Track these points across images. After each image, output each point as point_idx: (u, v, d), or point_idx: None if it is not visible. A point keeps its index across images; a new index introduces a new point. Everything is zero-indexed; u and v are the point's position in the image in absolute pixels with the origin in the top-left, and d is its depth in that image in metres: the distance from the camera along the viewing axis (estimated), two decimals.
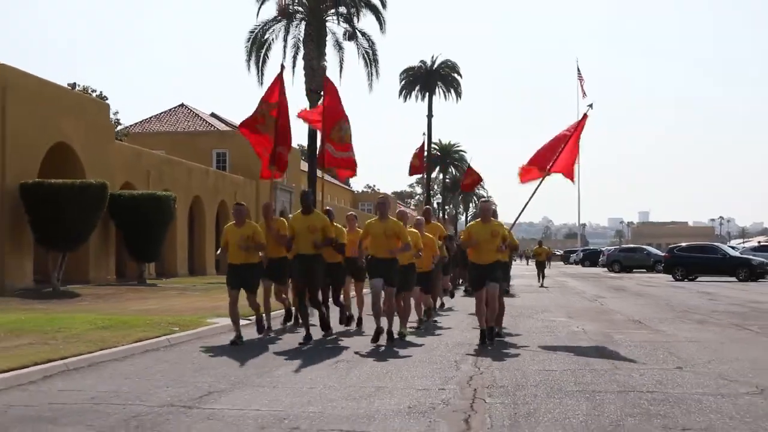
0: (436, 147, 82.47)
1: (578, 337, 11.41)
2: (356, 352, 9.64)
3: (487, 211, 10.89)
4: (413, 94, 68.32)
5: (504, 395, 6.74)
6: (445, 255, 15.21)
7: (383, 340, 10.60)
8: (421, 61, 68.46)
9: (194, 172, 36.21)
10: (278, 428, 5.52)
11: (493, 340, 10.51)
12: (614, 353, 9.65)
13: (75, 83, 39.57)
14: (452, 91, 68.63)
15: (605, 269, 48.25)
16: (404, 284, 11.37)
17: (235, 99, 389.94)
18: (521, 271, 44.66)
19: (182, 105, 53.30)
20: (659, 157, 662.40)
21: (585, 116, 13.16)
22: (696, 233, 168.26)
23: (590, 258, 60.21)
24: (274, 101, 14.09)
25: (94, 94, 39.09)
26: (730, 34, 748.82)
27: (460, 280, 24.22)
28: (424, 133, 30.34)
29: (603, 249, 62.90)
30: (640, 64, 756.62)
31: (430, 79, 67.31)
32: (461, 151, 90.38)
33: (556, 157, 12.73)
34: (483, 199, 11.00)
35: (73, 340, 9.67)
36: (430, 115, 66.94)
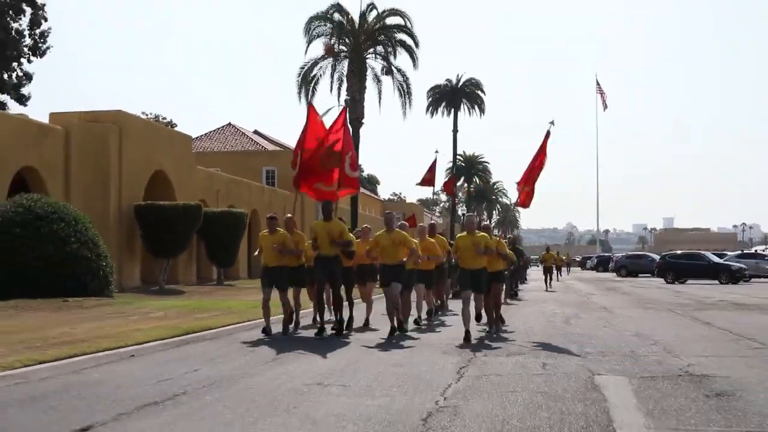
0: (461, 158, 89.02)
1: (556, 315, 17.86)
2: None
3: (471, 224, 12.80)
4: (439, 110, 74.67)
5: (502, 338, 13.20)
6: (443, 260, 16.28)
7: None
8: (447, 80, 74.88)
9: (252, 189, 42.99)
10: (387, 343, 12.01)
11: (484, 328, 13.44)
12: (573, 321, 16.10)
13: (158, 115, 46.50)
14: (476, 107, 74.89)
15: (614, 274, 54.63)
16: (406, 284, 13.37)
17: (276, 116, 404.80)
18: (538, 274, 50.92)
19: (229, 124, 60.13)
20: (685, 162, 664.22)
21: (548, 133, 14.67)
22: (718, 239, 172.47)
23: (603, 264, 66.86)
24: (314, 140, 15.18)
25: (164, 121, 46.06)
26: (760, 35, 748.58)
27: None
28: (437, 151, 34.67)
29: (613, 256, 69.12)
30: (666, 69, 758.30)
31: (455, 96, 73.60)
32: (485, 162, 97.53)
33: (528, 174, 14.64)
34: (468, 214, 13.73)
35: (247, 312, 16.27)
36: (455, 130, 73.34)
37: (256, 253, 13.94)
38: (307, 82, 43.04)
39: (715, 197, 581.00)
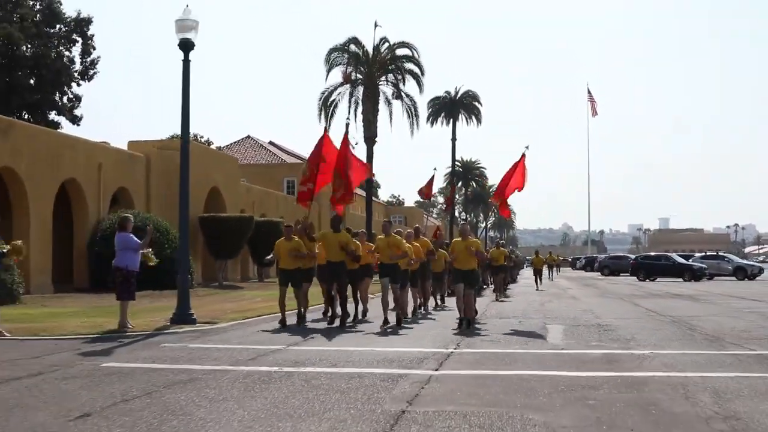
0: (459, 164, 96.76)
1: (535, 301, 25.53)
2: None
3: (465, 231, 15.56)
4: (439, 120, 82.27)
5: (491, 316, 20.82)
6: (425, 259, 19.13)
7: (392, 319, 15.94)
8: (446, 92, 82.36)
9: (280, 199, 50.72)
10: (408, 322, 19.62)
11: (469, 327, 15.17)
12: (546, 305, 23.74)
13: (195, 134, 54.15)
14: (473, 117, 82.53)
15: (598, 273, 62.57)
16: (402, 283, 16.50)
17: (288, 127, 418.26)
18: (529, 272, 58.64)
19: (248, 137, 67.68)
20: (683, 163, 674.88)
21: (523, 156, 18.33)
22: (711, 240, 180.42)
23: (590, 264, 75.24)
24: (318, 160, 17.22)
25: (203, 140, 53.68)
26: (760, 36, 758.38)
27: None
28: (435, 168, 40.60)
29: (597, 257, 77.22)
30: (665, 69, 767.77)
31: (454, 108, 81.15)
32: (481, 167, 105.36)
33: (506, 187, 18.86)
34: (461, 222, 17.14)
35: (319, 297, 23.86)
36: (454, 139, 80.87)
37: (270, 256, 16.19)
38: (327, 106, 50.60)
39: (712, 197, 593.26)
